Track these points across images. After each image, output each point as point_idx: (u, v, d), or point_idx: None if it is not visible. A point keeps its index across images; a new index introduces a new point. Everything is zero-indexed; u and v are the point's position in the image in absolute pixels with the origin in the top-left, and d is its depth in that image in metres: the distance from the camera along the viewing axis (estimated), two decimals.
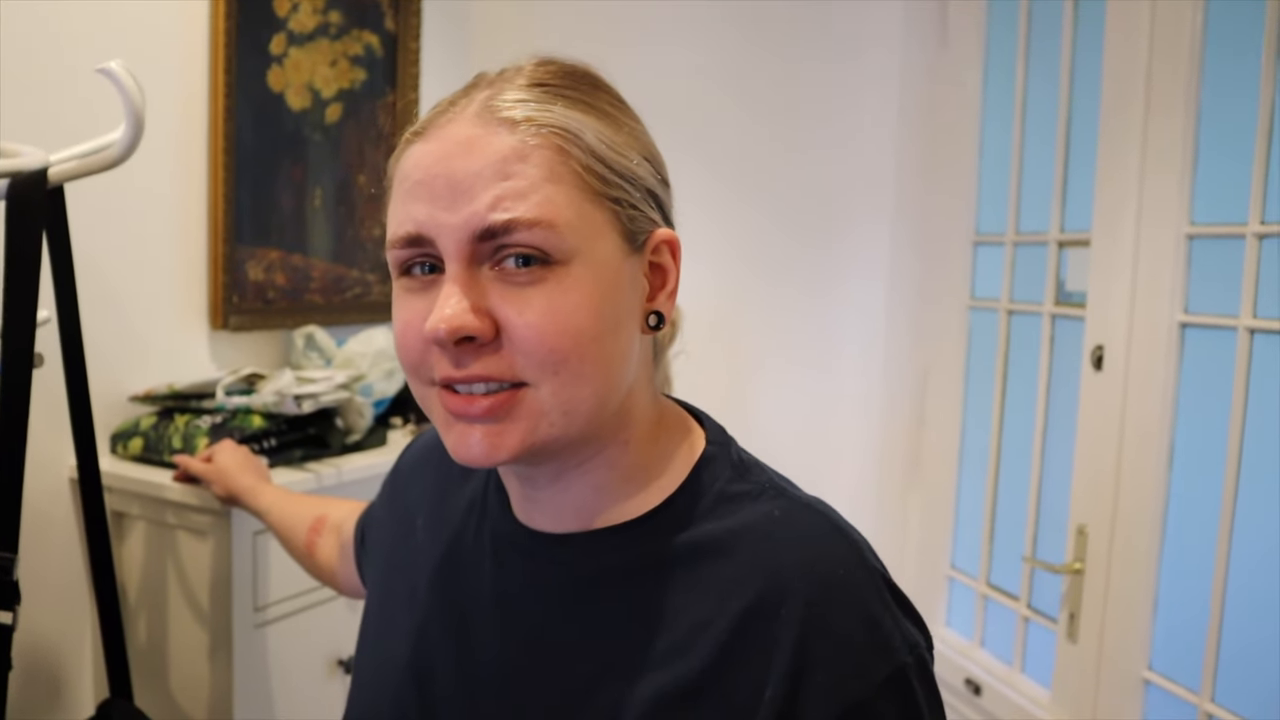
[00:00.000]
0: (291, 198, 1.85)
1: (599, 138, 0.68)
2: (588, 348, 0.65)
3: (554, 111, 0.67)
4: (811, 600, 0.65)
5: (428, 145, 0.67)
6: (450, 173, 0.64)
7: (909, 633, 0.67)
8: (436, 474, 0.89)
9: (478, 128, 0.66)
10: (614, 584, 0.71)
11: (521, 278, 0.64)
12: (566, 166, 0.66)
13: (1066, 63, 1.96)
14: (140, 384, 1.64)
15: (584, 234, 0.66)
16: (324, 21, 1.86)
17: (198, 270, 1.72)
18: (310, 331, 1.82)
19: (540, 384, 0.65)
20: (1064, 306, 1.97)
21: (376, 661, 0.85)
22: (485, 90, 0.68)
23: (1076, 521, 1.87)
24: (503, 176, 0.64)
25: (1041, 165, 2.05)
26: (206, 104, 1.69)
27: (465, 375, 0.65)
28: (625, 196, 0.69)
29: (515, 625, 0.74)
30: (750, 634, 0.65)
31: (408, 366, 0.69)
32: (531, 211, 0.63)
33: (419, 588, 0.83)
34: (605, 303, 0.66)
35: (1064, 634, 1.90)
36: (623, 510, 0.73)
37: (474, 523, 0.82)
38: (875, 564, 0.69)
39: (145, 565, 1.54)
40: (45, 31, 1.45)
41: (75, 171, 1.06)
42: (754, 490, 0.73)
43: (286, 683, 1.54)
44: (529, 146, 0.65)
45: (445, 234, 0.64)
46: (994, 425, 2.18)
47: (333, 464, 1.61)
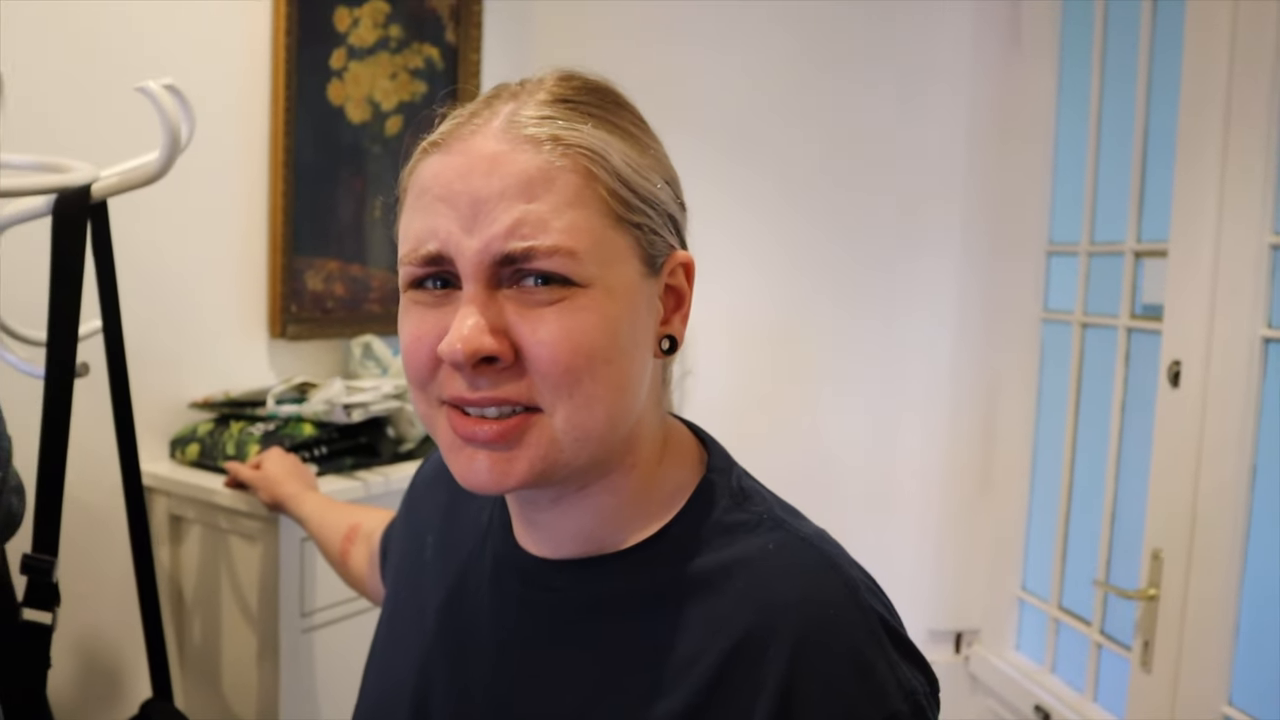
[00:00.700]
0: (351, 209, 1.88)
1: (625, 160, 0.66)
2: (601, 370, 0.64)
3: (581, 131, 0.65)
4: (799, 640, 0.62)
5: (448, 158, 0.65)
6: (472, 191, 0.63)
7: (906, 679, 0.63)
8: (447, 492, 0.89)
9: (501, 144, 0.64)
10: (604, 615, 0.70)
11: (539, 296, 0.63)
12: (592, 190, 0.64)
13: (1144, 65, 1.88)
14: (200, 391, 1.68)
15: (604, 259, 0.64)
16: (384, 35, 1.89)
17: (257, 280, 1.76)
18: (367, 341, 1.85)
19: (554, 409, 0.64)
20: (1140, 319, 1.89)
21: (380, 677, 0.86)
22: (508, 103, 0.67)
23: (1151, 545, 1.79)
24: (526, 198, 0.62)
25: (1117, 172, 1.97)
26: (267, 118, 1.74)
27: (479, 398, 0.63)
28: (647, 221, 0.67)
29: (509, 650, 0.73)
30: (736, 673, 0.63)
31: (415, 383, 0.67)
32: (551, 239, 0.62)
33: (425, 606, 0.83)
34: (622, 326, 0.65)
35: (1138, 662, 1.81)
36: (620, 538, 0.71)
37: (479, 544, 0.81)
38: (872, 603, 0.66)
39: (200, 568, 1.58)
40: (112, 50, 1.51)
41: (115, 187, 1.09)
42: (751, 521, 0.70)
43: (332, 688, 1.56)
44: (555, 168, 0.63)
45: (465, 256, 0.63)
46: (1067, 443, 2.09)
47: (381, 473, 1.63)
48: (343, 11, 1.81)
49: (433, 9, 1.98)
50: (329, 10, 1.79)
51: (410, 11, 1.93)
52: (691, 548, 0.69)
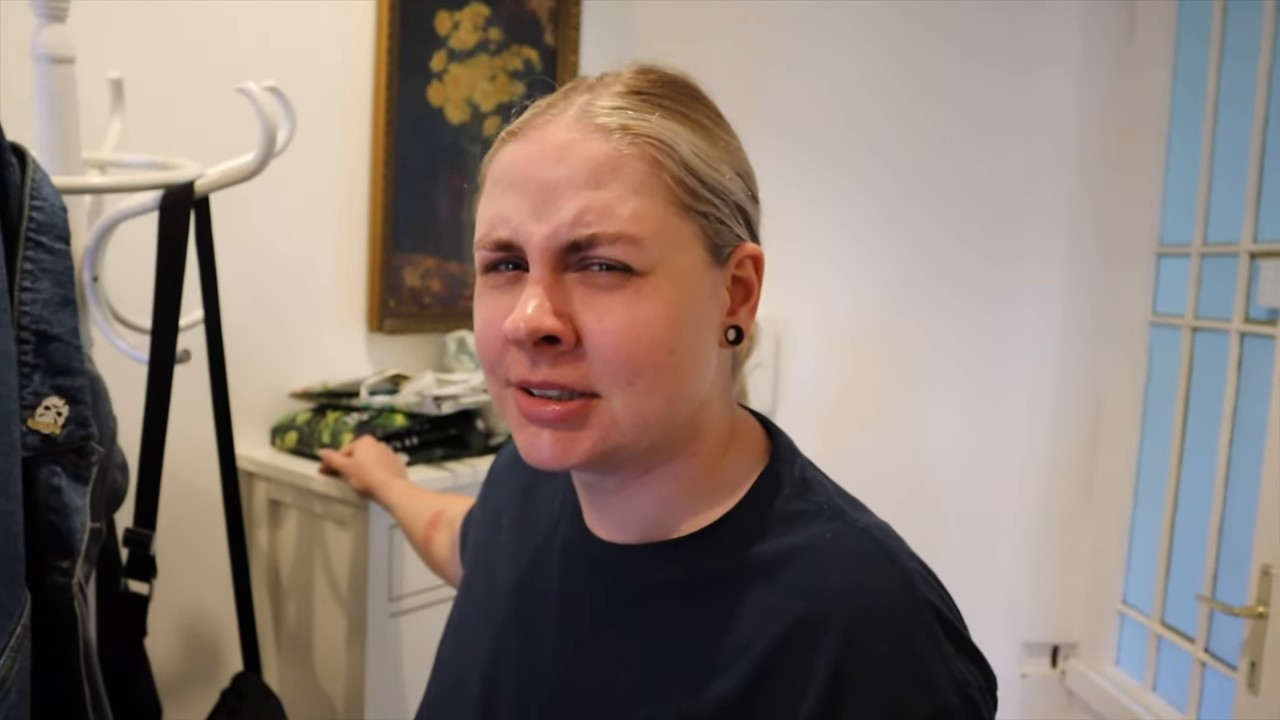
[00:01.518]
0: (449, 207, 1.93)
1: (693, 150, 0.68)
2: (663, 359, 0.65)
3: (650, 121, 0.67)
4: (850, 629, 0.63)
5: (523, 146, 0.67)
6: (541, 178, 0.65)
7: (959, 672, 0.63)
8: (523, 476, 0.91)
9: (573, 132, 0.66)
10: (663, 599, 0.71)
11: (603, 281, 0.65)
12: (658, 178, 0.66)
13: (1266, 58, 1.79)
14: (301, 381, 1.76)
15: (668, 247, 0.66)
16: (484, 38, 1.93)
17: (357, 275, 1.83)
18: (462, 336, 1.90)
19: (613, 395, 0.65)
20: (1255, 324, 1.80)
21: (453, 653, 0.89)
22: (583, 95, 0.69)
23: (1261, 561, 1.70)
24: (593, 185, 0.64)
25: (1233, 169, 1.88)
26: (369, 118, 1.80)
27: (540, 380, 0.66)
28: (714, 211, 0.68)
29: (574, 630, 0.75)
30: (787, 659, 0.64)
31: (486, 364, 0.70)
32: (615, 226, 0.64)
33: (498, 585, 0.85)
34: (684, 314, 0.66)
35: (1244, 683, 1.73)
36: (685, 524, 0.73)
37: (550, 526, 0.83)
38: (928, 595, 0.66)
39: (296, 551, 1.65)
40: (222, 54, 1.59)
41: (216, 182, 1.15)
42: (811, 510, 0.71)
43: (417, 671, 1.61)
44: (622, 156, 0.65)
45: (533, 243, 0.65)
46: (1173, 452, 2.01)
47: (470, 464, 1.67)
48: (443, 15, 1.86)
49: (532, 11, 2.02)
50: (430, 13, 1.84)
51: (510, 14, 1.98)
52: (751, 535, 0.70)
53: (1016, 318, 2.29)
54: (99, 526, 1.00)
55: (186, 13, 1.54)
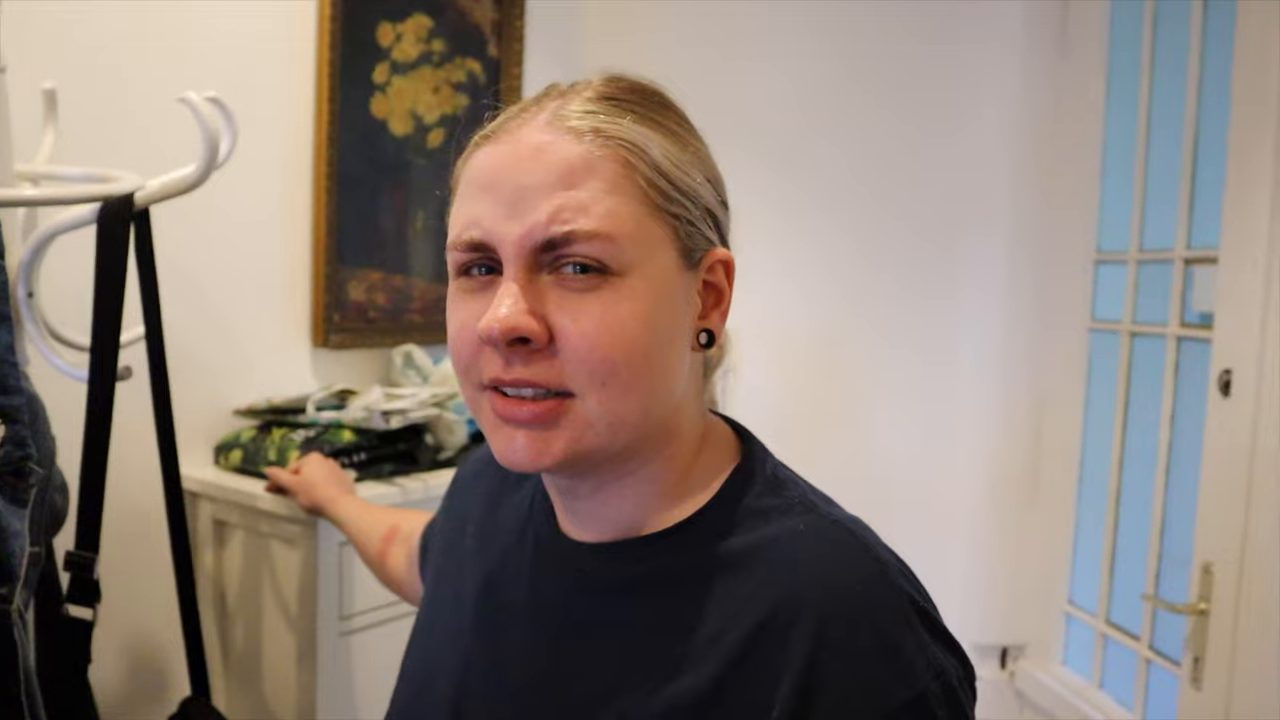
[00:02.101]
0: (393, 220, 1.91)
1: (664, 153, 0.69)
2: (638, 360, 0.66)
3: (622, 124, 0.68)
4: (825, 618, 0.63)
5: (496, 149, 0.68)
6: (515, 179, 0.66)
7: (935, 659, 0.63)
8: (489, 485, 0.91)
9: (546, 135, 0.67)
10: (635, 595, 0.71)
11: (578, 284, 0.65)
12: (630, 179, 0.67)
13: (1194, 69, 1.85)
14: (244, 398, 1.72)
15: (642, 247, 0.66)
16: (427, 50, 1.92)
17: (301, 290, 1.80)
18: (409, 350, 1.87)
19: (586, 395, 0.66)
20: (1190, 328, 1.85)
21: (419, 662, 0.88)
22: (555, 100, 0.70)
23: (1202, 559, 1.74)
24: (566, 186, 0.65)
25: (1167, 178, 1.93)
26: (311, 131, 1.77)
27: (513, 379, 0.66)
28: (685, 213, 0.69)
29: (545, 630, 0.75)
30: (760, 649, 0.64)
31: (460, 367, 0.70)
32: (591, 224, 0.64)
33: (464, 591, 0.85)
34: (658, 316, 0.67)
35: (1188, 679, 1.77)
36: (658, 523, 0.73)
37: (520, 531, 0.83)
38: (903, 585, 0.66)
39: (243, 571, 1.61)
40: (159, 65, 1.55)
41: (156, 195, 1.13)
42: (783, 505, 0.72)
43: (369, 692, 1.58)
44: (594, 157, 0.66)
45: (508, 242, 0.65)
46: (1115, 454, 2.05)
47: (420, 479, 1.65)
48: (386, 26, 1.84)
49: (475, 24, 2.01)
50: (372, 25, 1.82)
51: (453, 26, 1.97)
52: (723, 530, 0.71)
53: (961, 324, 2.32)
54: (38, 550, 0.97)
55: (122, 22, 1.51)
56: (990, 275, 2.30)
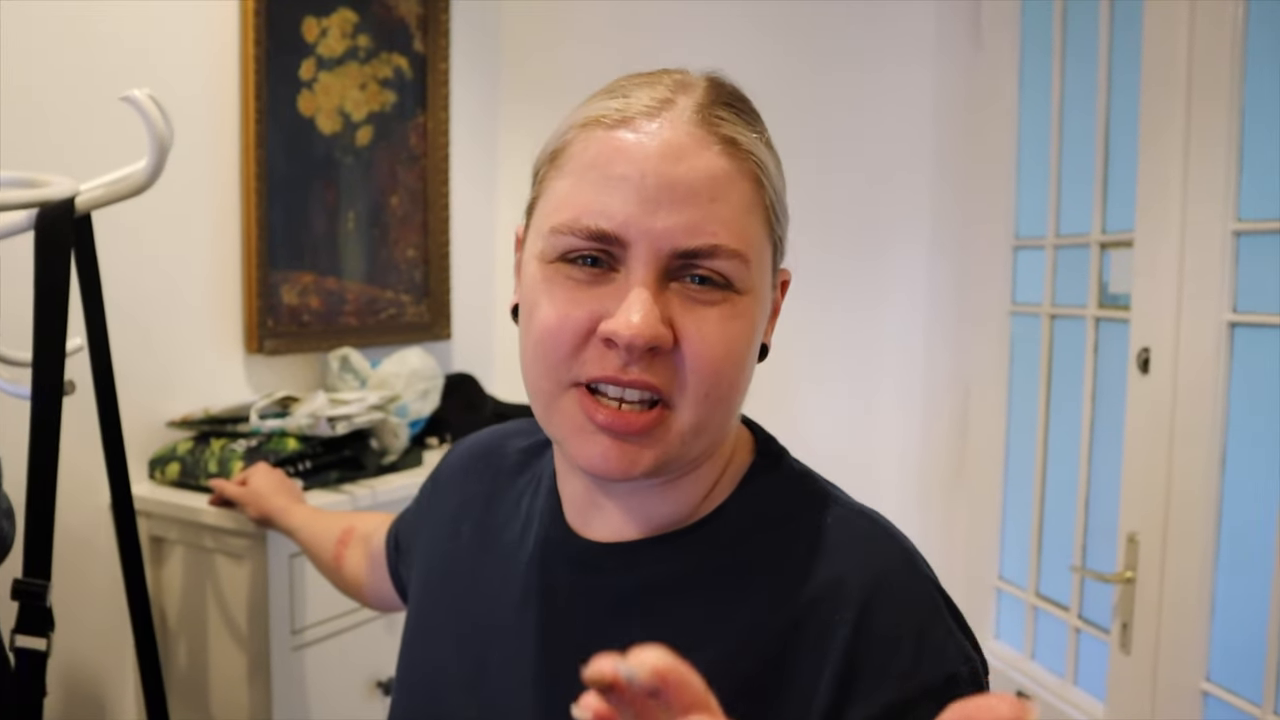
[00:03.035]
0: (324, 221, 1.86)
1: (777, 173, 0.69)
2: (738, 376, 0.67)
3: (753, 139, 0.67)
4: (864, 607, 0.64)
5: (629, 136, 0.65)
6: (661, 175, 0.63)
7: (963, 645, 0.65)
8: (482, 482, 0.89)
9: (685, 136, 0.64)
10: (660, 595, 0.71)
11: (705, 296, 0.64)
12: (759, 200, 0.67)
13: (1104, 60, 1.92)
14: (177, 409, 1.65)
15: (761, 269, 0.67)
16: (353, 45, 1.88)
17: (232, 295, 1.74)
18: (345, 353, 1.83)
19: (685, 406, 0.65)
20: (1108, 309, 1.93)
21: (419, 669, 0.85)
22: (681, 95, 0.67)
23: (1127, 529, 1.82)
24: (711, 198, 0.64)
25: (1081, 166, 2.00)
26: (238, 131, 1.72)
27: (631, 380, 0.64)
28: (783, 236, 0.71)
29: (560, 633, 0.74)
30: (801, 643, 0.65)
31: (549, 361, 0.66)
32: (735, 242, 0.64)
33: (463, 595, 0.83)
34: (757, 334, 0.69)
35: (1117, 645, 1.85)
36: (680, 521, 0.73)
37: (522, 530, 0.81)
38: (928, 573, 0.69)
39: (184, 589, 1.55)
40: (77, 63, 1.48)
41: (102, 199, 1.08)
42: (805, 498, 0.73)
43: (325, 705, 1.54)
44: (735, 172, 0.65)
45: (645, 241, 0.63)
46: (1039, 433, 2.13)
47: (368, 485, 1.61)
48: (311, 22, 1.79)
49: (400, 18, 1.97)
50: (297, 20, 1.77)
51: (378, 21, 1.92)
52: (746, 527, 0.71)
53: (885, 312, 2.37)
54: None
55: (35, 22, 1.43)
56: (912, 263, 2.36)
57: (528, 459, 0.87)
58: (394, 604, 1.10)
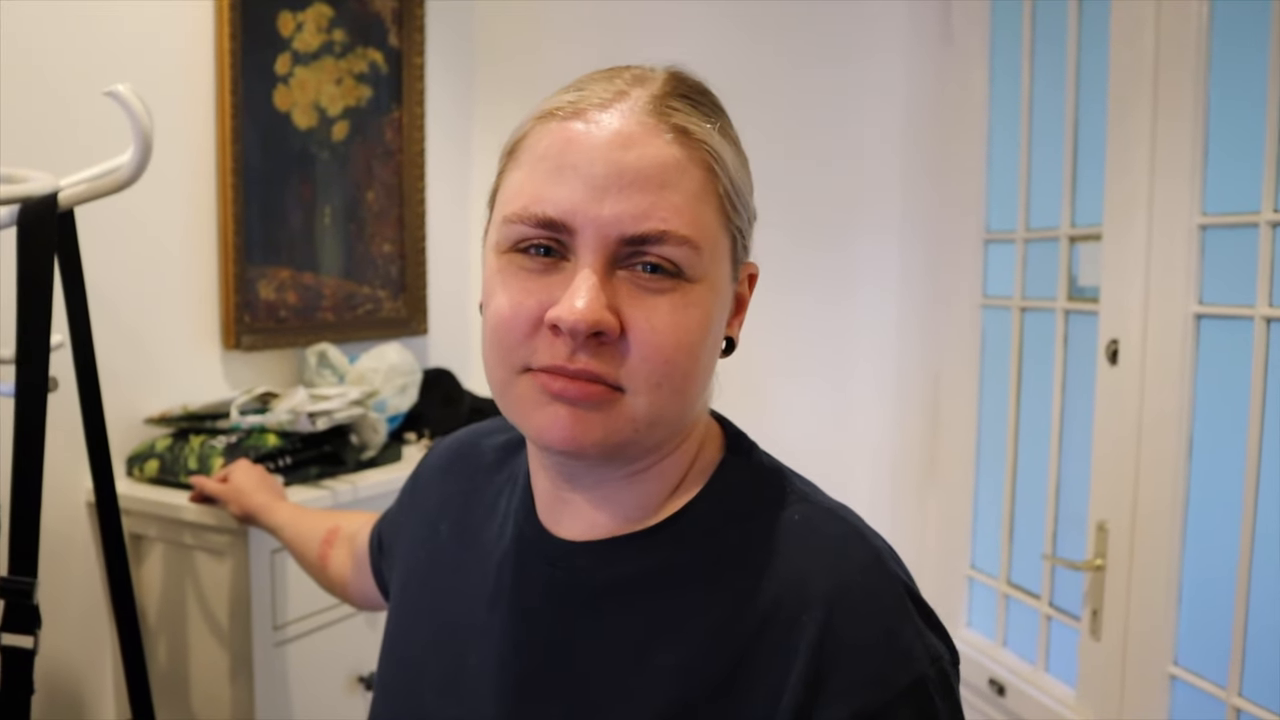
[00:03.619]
0: (301, 216, 1.86)
1: (734, 164, 0.69)
2: (693, 366, 0.66)
3: (707, 129, 0.67)
4: (831, 606, 0.64)
5: (579, 126, 0.65)
6: (608, 163, 0.63)
7: (931, 644, 0.65)
8: (460, 480, 0.89)
9: (635, 125, 0.65)
10: (630, 592, 0.71)
11: (652, 284, 0.64)
12: (712, 188, 0.66)
13: (1072, 57, 1.95)
14: (154, 406, 1.64)
15: (713, 258, 0.67)
16: (328, 40, 1.87)
17: (209, 291, 1.73)
18: (323, 349, 1.82)
19: (639, 394, 0.65)
20: (1077, 301, 1.96)
21: (399, 666, 0.85)
22: (635, 87, 0.67)
23: (1096, 517, 1.86)
24: (661, 185, 0.64)
25: (1050, 161, 2.04)
26: (214, 126, 1.70)
27: (577, 369, 0.64)
28: (742, 226, 0.70)
29: (535, 633, 0.74)
30: (768, 641, 0.65)
31: (502, 349, 0.67)
32: (685, 229, 0.64)
33: (442, 594, 0.83)
34: (714, 324, 0.68)
35: (1087, 631, 1.88)
36: (650, 519, 0.73)
37: (499, 529, 0.81)
38: (897, 571, 0.68)
39: (164, 587, 1.54)
40: (50, 59, 1.46)
41: (85, 195, 1.07)
42: (774, 495, 0.72)
43: (307, 701, 1.54)
44: (686, 159, 0.65)
45: (592, 228, 0.63)
46: (1010, 423, 2.16)
47: (349, 480, 1.61)
48: (286, 15, 1.79)
49: (375, 12, 1.96)
50: (272, 15, 1.76)
51: (353, 15, 1.92)
52: (717, 522, 0.71)
53: (857, 305, 2.40)
54: None
55: (5, 17, 1.41)
56: (884, 257, 2.38)
57: (505, 457, 0.87)
58: (378, 603, 1.09)
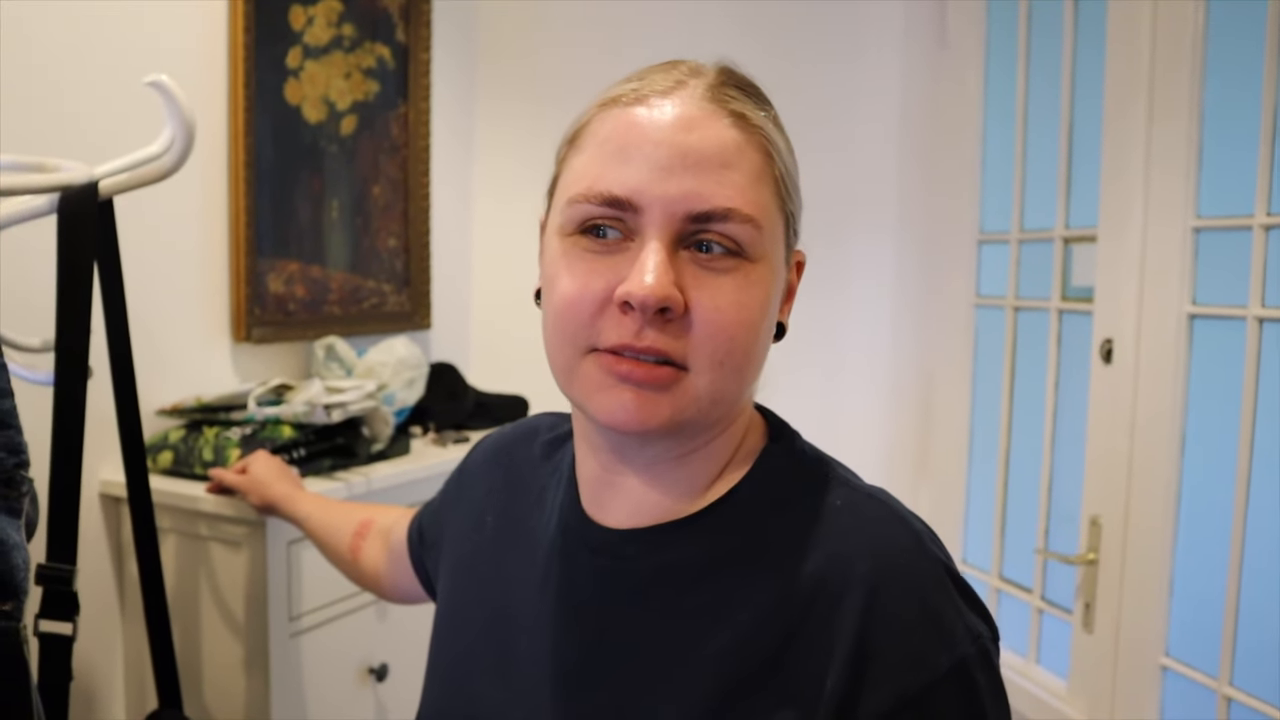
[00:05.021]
0: (309, 210, 1.86)
1: (787, 152, 0.72)
2: (753, 344, 0.68)
3: (761, 116, 0.70)
4: (873, 589, 0.65)
5: (644, 112, 0.68)
6: (672, 144, 0.66)
7: (972, 623, 0.66)
8: (507, 473, 0.90)
9: (699, 109, 0.67)
10: (675, 579, 0.72)
11: (716, 264, 0.66)
12: (769, 171, 0.69)
13: (1068, 59, 1.99)
14: (165, 398, 1.64)
15: (773, 239, 0.69)
16: (338, 34, 1.87)
17: (219, 283, 1.73)
18: (331, 342, 1.83)
19: (701, 372, 0.66)
20: (1071, 302, 2.00)
21: (451, 654, 0.86)
22: (691, 77, 0.70)
23: (1089, 513, 1.90)
24: (723, 165, 0.66)
25: (1045, 162, 2.07)
26: (226, 118, 1.70)
27: (645, 345, 0.65)
28: (795, 212, 0.73)
29: (583, 623, 0.75)
30: (812, 624, 0.66)
31: (569, 329, 0.68)
32: (748, 207, 0.66)
33: (490, 583, 0.84)
34: (772, 305, 0.70)
35: (1080, 624, 1.92)
36: (696, 501, 0.74)
37: (544, 520, 0.83)
38: (938, 553, 0.70)
39: (178, 578, 1.54)
40: (66, 50, 1.46)
41: (126, 184, 1.07)
42: (816, 480, 0.74)
43: (320, 692, 1.54)
44: (745, 143, 0.68)
45: (659, 206, 0.65)
46: (1003, 420, 2.20)
47: (361, 473, 1.62)
48: (297, 9, 1.79)
49: (384, 8, 1.97)
50: (284, 8, 1.76)
51: (362, 10, 1.92)
52: (761, 508, 0.72)
53: (853, 303, 2.43)
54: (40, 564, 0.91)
55: (21, 9, 1.40)
56: (879, 257, 2.42)
57: (551, 451, 0.89)
58: (415, 596, 1.10)
